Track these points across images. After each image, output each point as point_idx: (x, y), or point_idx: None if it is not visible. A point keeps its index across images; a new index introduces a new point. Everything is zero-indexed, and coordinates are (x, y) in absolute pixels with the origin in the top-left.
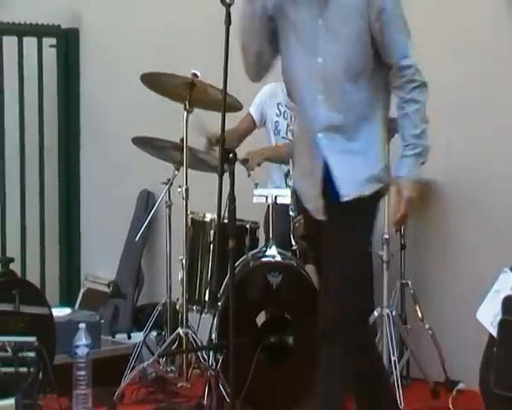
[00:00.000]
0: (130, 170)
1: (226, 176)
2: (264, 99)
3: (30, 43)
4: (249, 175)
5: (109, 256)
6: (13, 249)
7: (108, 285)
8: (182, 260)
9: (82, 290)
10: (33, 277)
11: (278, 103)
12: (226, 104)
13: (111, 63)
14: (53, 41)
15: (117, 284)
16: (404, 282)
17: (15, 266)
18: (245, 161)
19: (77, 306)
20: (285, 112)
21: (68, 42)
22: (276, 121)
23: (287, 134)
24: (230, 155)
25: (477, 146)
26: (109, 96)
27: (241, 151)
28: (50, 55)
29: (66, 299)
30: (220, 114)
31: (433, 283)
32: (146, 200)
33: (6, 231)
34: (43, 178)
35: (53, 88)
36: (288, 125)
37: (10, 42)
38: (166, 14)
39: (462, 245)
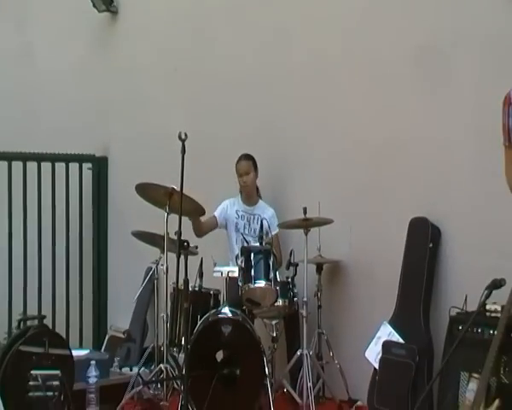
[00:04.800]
0: (140, 253)
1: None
2: (225, 208)
3: (74, 166)
4: None
5: (126, 313)
6: (58, 309)
7: (123, 333)
8: (163, 316)
9: (107, 337)
10: (74, 328)
11: (236, 210)
12: (193, 209)
13: (130, 180)
14: (89, 165)
15: (129, 332)
16: (320, 331)
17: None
18: None
19: (103, 347)
20: (242, 215)
21: (100, 166)
22: (236, 222)
23: (244, 230)
24: (185, 243)
25: (370, 234)
26: (129, 203)
27: None
28: (87, 175)
29: (97, 342)
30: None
31: (340, 332)
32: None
33: (56, 297)
34: (81, 261)
35: (89, 199)
36: (244, 225)
37: (58, 167)
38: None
39: (361, 304)
